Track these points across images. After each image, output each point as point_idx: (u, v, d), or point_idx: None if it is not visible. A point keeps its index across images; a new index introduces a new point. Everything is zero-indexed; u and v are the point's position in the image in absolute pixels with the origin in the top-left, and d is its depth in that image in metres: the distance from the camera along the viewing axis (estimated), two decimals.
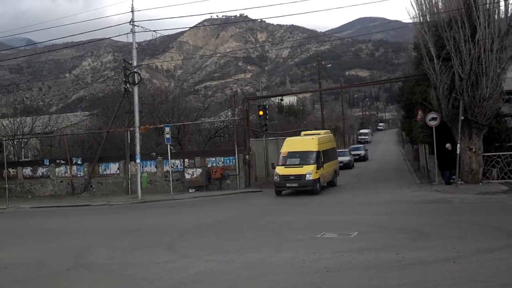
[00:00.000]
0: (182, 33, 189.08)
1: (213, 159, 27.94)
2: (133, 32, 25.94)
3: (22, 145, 36.62)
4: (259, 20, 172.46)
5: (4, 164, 28.37)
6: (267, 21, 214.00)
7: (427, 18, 22.74)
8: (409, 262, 9.32)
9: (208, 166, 27.49)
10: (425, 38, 22.12)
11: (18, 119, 37.25)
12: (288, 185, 22.59)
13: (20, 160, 34.66)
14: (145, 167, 28.15)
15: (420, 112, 23.87)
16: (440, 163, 22.64)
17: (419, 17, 22.98)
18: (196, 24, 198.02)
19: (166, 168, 27.67)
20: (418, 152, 34.38)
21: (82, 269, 10.74)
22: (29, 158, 35.73)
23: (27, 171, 30.77)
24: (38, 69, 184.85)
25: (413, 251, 10.25)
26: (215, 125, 38.63)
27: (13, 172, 30.53)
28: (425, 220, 14.30)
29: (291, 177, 22.41)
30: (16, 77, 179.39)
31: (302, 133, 27.85)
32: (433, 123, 22.32)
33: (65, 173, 30.00)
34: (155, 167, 28.45)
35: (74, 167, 29.77)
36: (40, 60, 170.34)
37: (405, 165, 37.64)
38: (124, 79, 27.99)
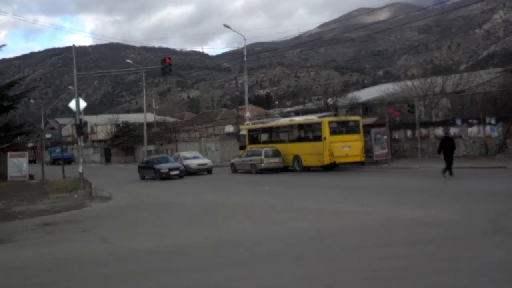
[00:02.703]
0: None
1: None
2: None
3: (433, 106, 37.27)
4: None
5: (416, 124, 29.53)
6: None
7: None
8: None
9: None
10: None
11: (428, 80, 38.02)
12: None
13: (431, 120, 35.41)
14: None
15: None
16: None
17: None
18: None
19: None
20: None
21: (500, 233, 10.08)
22: (440, 118, 36.12)
23: (439, 131, 31.13)
24: (446, 27, 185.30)
25: None
26: None
27: (424, 132, 31.50)
28: None
29: None
30: (424, 37, 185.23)
31: None
32: None
33: (477, 133, 29.00)
34: None
35: (488, 127, 28.46)
36: (449, 18, 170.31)
37: None
38: None
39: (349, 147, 28.67)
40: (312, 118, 32.56)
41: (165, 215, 16.51)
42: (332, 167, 29.36)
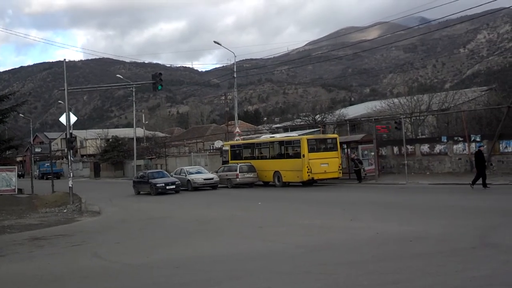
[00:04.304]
0: None
1: None
2: None
3: (419, 123, 37.81)
4: None
5: (402, 141, 29.99)
6: None
7: None
8: None
9: None
10: None
11: (415, 97, 38.61)
12: None
13: (418, 137, 35.88)
14: None
15: None
16: None
17: None
18: None
19: None
20: None
21: (488, 248, 10.27)
22: (426, 135, 36.63)
23: (425, 148, 31.58)
24: (431, 47, 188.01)
25: None
26: None
27: (411, 149, 31.89)
28: None
29: None
30: (410, 56, 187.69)
31: None
32: None
33: (463, 150, 29.44)
34: None
35: (473, 144, 28.92)
36: (434, 37, 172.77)
37: None
38: None
39: (327, 163, 29.27)
40: (292, 135, 33.39)
41: (157, 230, 16.53)
42: (311, 183, 29.81)
